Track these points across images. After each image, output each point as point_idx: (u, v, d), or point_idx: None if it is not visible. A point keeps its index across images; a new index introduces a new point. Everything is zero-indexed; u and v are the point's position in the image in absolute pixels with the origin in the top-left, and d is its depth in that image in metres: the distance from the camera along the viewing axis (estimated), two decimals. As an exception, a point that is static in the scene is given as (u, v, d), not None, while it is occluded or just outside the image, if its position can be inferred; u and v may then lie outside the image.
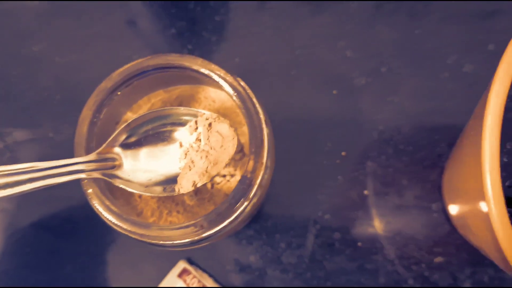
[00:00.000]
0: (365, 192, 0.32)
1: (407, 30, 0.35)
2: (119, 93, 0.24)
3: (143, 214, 0.28)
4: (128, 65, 0.24)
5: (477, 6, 0.35)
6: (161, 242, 0.23)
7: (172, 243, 0.23)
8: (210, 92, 0.30)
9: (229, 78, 0.24)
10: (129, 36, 0.37)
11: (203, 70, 0.24)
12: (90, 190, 0.23)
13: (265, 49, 0.35)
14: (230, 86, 0.24)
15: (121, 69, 0.24)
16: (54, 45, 0.37)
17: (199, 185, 0.24)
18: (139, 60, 0.24)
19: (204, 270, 0.32)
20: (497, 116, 0.18)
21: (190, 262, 0.32)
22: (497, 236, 0.18)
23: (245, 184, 0.23)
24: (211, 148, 0.24)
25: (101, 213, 0.23)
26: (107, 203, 0.23)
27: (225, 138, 0.24)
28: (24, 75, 0.36)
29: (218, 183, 0.29)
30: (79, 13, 0.37)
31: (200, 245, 0.24)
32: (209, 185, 0.29)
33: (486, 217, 0.19)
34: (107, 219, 0.23)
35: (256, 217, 0.32)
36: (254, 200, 0.24)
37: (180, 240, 0.23)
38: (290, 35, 0.35)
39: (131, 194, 0.28)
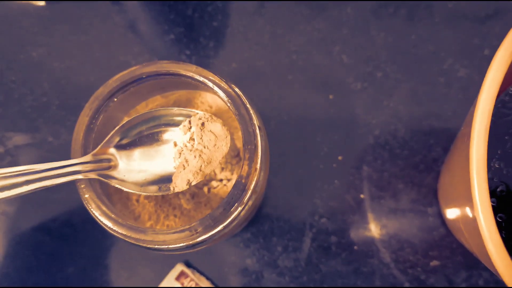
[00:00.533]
0: (361, 196, 0.33)
1: (402, 35, 0.35)
2: (115, 99, 0.25)
3: (140, 218, 0.29)
4: (124, 72, 0.24)
5: (473, 10, 0.35)
6: (156, 246, 0.24)
7: (168, 247, 0.24)
8: (207, 97, 0.30)
9: (223, 84, 0.24)
10: (128, 41, 0.37)
11: (197, 77, 0.24)
12: (86, 195, 0.23)
13: (262, 54, 0.35)
14: (224, 92, 0.24)
15: (117, 76, 0.24)
16: (53, 50, 0.37)
17: (193, 183, 0.24)
18: (135, 67, 0.24)
19: (202, 273, 0.32)
20: (484, 127, 0.18)
21: (188, 265, 0.32)
22: (484, 242, 0.18)
23: (239, 189, 0.23)
24: (205, 147, 0.24)
25: (97, 217, 0.23)
26: (104, 208, 0.23)
27: (218, 137, 0.24)
28: (24, 80, 0.37)
29: (214, 188, 0.29)
30: (78, 18, 0.38)
31: (196, 249, 0.25)
32: (205, 189, 0.29)
33: (474, 222, 0.19)
34: (103, 223, 0.23)
35: (253, 221, 0.32)
36: (249, 204, 0.24)
37: (175, 244, 0.23)
38: (287, 40, 0.35)
39: (129, 198, 0.29)
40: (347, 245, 0.32)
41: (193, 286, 0.30)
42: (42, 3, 0.39)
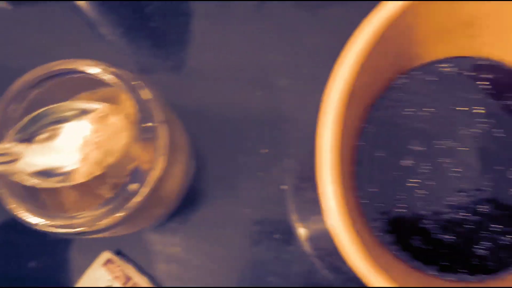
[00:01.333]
0: (284, 187, 0.34)
1: (332, 34, 0.36)
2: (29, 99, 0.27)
3: (65, 208, 0.31)
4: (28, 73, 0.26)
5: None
6: (65, 230, 0.26)
7: (75, 231, 0.26)
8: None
9: (122, 76, 0.26)
10: (76, 43, 0.39)
11: (98, 74, 0.26)
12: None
13: (194, 52, 0.37)
14: (126, 86, 0.26)
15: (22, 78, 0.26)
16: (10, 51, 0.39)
17: (94, 174, 0.26)
18: (40, 67, 0.26)
19: (130, 260, 0.34)
20: (330, 118, 0.20)
21: (118, 253, 0.34)
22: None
23: (136, 178, 0.25)
24: (105, 139, 0.26)
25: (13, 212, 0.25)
26: (16, 201, 0.25)
27: (117, 130, 0.26)
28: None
29: (135, 178, 0.31)
30: (33, 20, 0.39)
31: (103, 234, 0.27)
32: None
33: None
34: (18, 217, 0.25)
35: (180, 211, 0.34)
36: (148, 193, 0.26)
37: (79, 228, 0.25)
38: (217, 38, 0.37)
39: (53, 189, 0.31)
40: (268, 234, 0.34)
41: (119, 272, 0.32)
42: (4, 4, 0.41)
